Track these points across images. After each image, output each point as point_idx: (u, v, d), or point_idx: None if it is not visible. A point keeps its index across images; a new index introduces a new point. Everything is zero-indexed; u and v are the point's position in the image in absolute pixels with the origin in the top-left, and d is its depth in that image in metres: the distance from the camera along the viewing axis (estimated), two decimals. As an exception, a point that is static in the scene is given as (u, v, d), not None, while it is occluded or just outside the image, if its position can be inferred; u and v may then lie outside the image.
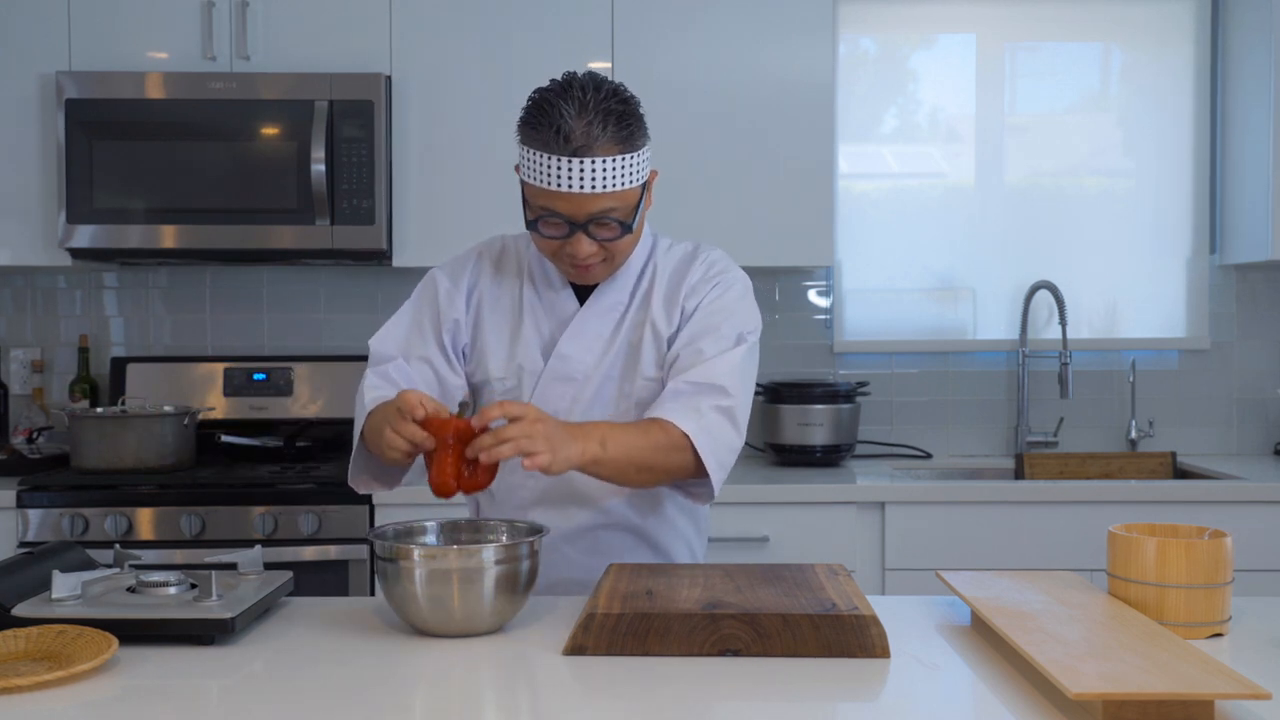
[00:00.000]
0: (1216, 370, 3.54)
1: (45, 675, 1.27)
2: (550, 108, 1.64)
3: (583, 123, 1.63)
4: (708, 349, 1.75)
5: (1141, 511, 2.80)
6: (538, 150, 1.66)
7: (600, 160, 1.64)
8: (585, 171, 1.64)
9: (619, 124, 1.65)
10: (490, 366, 1.83)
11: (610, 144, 1.64)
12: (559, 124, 1.63)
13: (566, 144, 1.63)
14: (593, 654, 1.42)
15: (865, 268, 3.55)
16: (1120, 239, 3.54)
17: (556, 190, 1.65)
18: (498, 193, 3.14)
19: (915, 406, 3.53)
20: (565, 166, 1.64)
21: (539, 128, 1.65)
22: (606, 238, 1.70)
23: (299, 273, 3.50)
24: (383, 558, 1.50)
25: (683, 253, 1.87)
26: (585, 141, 1.63)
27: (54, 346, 3.50)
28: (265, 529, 2.80)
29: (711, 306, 1.80)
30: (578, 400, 1.80)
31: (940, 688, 1.35)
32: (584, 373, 1.80)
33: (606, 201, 1.67)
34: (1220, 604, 1.48)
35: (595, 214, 1.67)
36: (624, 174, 1.66)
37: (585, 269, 1.74)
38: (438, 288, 1.86)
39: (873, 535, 2.88)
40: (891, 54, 3.56)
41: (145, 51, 3.11)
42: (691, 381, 1.72)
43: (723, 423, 1.72)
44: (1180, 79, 3.53)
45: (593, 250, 1.71)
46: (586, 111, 1.63)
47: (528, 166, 1.69)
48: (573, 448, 1.57)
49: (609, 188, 1.65)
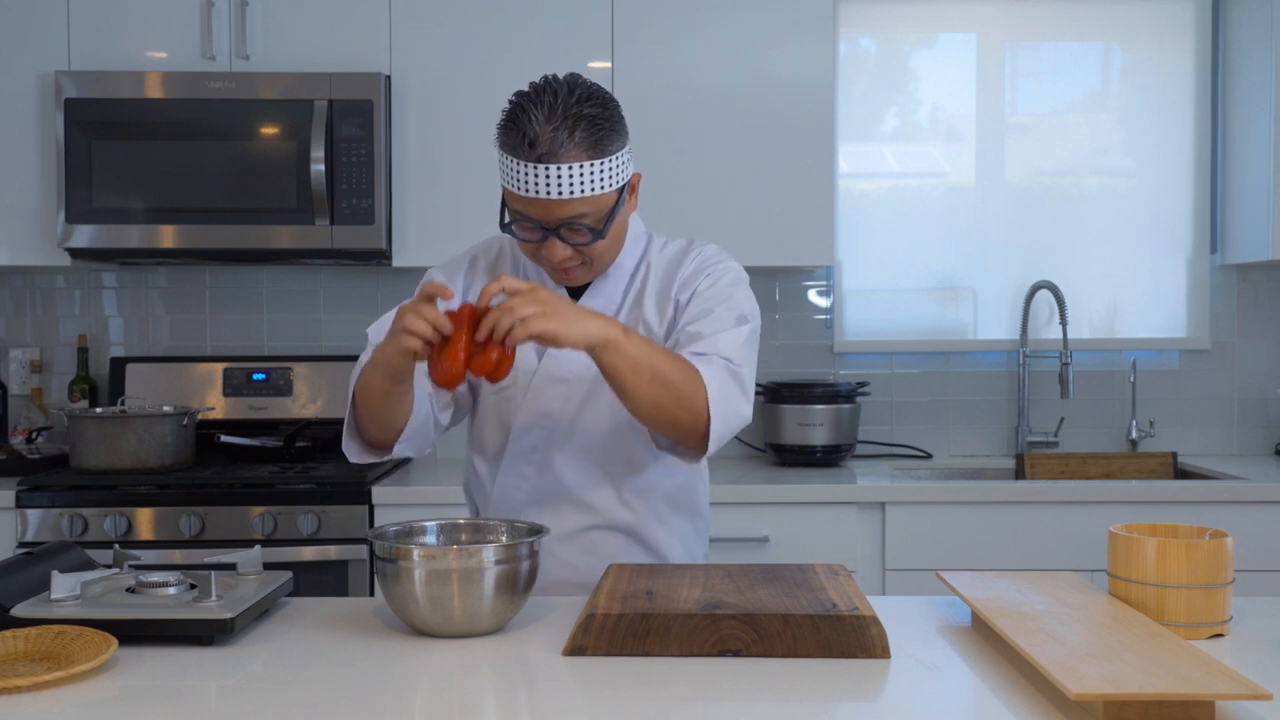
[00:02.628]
0: (1217, 370, 3.54)
1: (44, 676, 1.27)
2: (521, 113, 1.64)
3: (549, 129, 1.62)
4: (705, 329, 1.71)
5: (1142, 512, 2.80)
6: (508, 155, 1.65)
7: (567, 166, 1.62)
8: (552, 177, 1.62)
9: (589, 129, 1.63)
10: None
11: (578, 150, 1.62)
12: (525, 129, 1.62)
13: (532, 150, 1.62)
14: (592, 654, 1.41)
15: (865, 267, 3.54)
16: (1121, 239, 3.54)
17: (526, 195, 1.65)
18: (497, 192, 3.14)
19: (915, 406, 3.53)
20: (532, 172, 1.63)
21: (509, 132, 1.65)
22: (579, 242, 1.69)
23: (298, 273, 3.50)
24: (382, 558, 1.49)
25: (676, 249, 1.87)
26: (550, 148, 1.61)
27: (53, 346, 3.50)
28: (265, 529, 2.80)
29: (706, 294, 1.78)
30: (570, 400, 1.80)
31: (941, 688, 1.34)
32: (577, 373, 1.79)
33: (577, 207, 1.65)
34: (1221, 604, 1.48)
35: (566, 219, 1.66)
36: (594, 180, 1.64)
37: (564, 272, 1.74)
38: None
39: (873, 535, 2.87)
40: (892, 53, 3.55)
41: (144, 51, 3.11)
42: (695, 351, 1.68)
43: (732, 385, 1.67)
44: (1181, 78, 3.53)
45: (567, 254, 1.70)
46: (554, 117, 1.62)
47: (502, 170, 1.68)
48: (591, 323, 1.54)
49: (576, 193, 1.64)
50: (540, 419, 1.80)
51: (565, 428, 1.80)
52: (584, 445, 1.81)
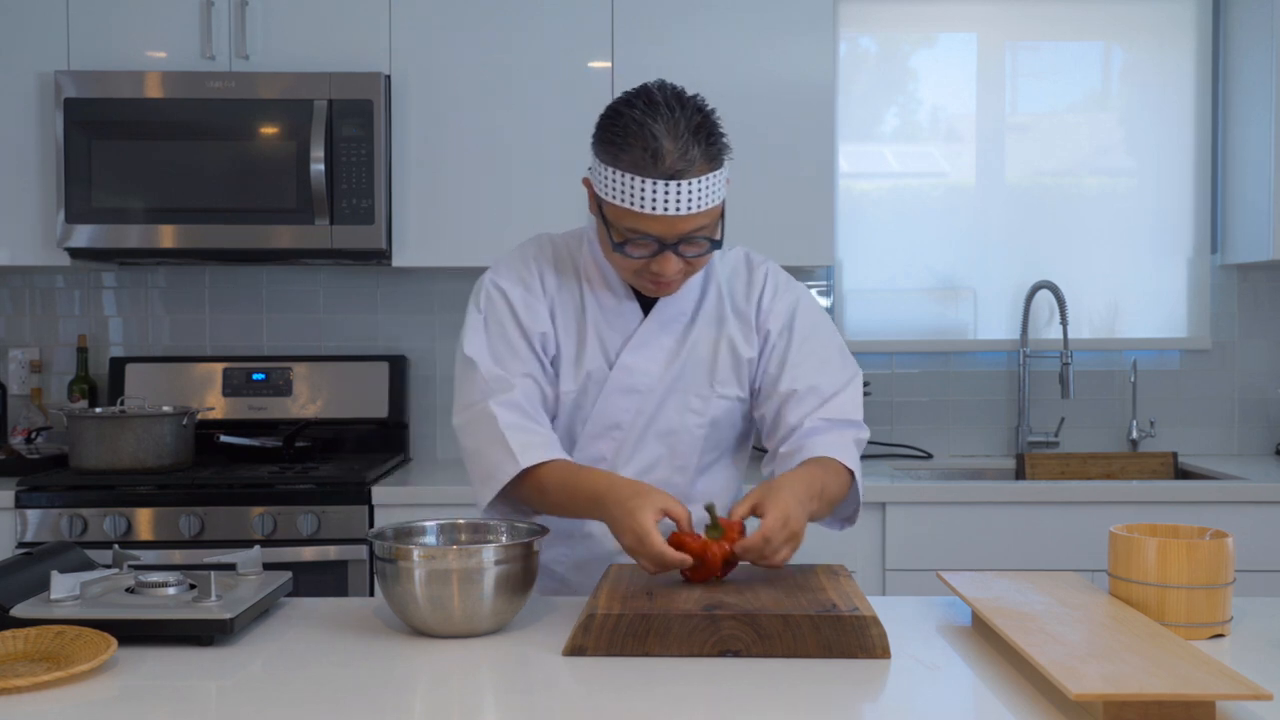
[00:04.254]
0: (1218, 370, 3.54)
1: (44, 676, 1.27)
2: (638, 127, 1.58)
3: (676, 144, 1.57)
4: (826, 385, 1.77)
5: (1143, 512, 2.80)
6: (626, 172, 1.59)
7: (695, 181, 1.59)
8: (681, 194, 1.58)
9: (708, 140, 1.60)
10: (564, 378, 1.78)
11: (702, 163, 1.59)
12: (651, 145, 1.57)
13: (660, 166, 1.57)
14: (592, 654, 1.41)
15: (866, 267, 3.54)
16: (1121, 238, 3.54)
17: (650, 213, 1.59)
18: (497, 192, 3.14)
19: (916, 406, 3.53)
20: (660, 190, 1.58)
21: (626, 148, 1.59)
22: (696, 254, 1.66)
23: (298, 273, 3.50)
24: (382, 558, 1.49)
25: (735, 261, 1.86)
26: (680, 165, 1.57)
27: (52, 346, 3.50)
28: (264, 529, 2.80)
29: (811, 339, 1.80)
30: (641, 413, 1.78)
31: (941, 688, 1.34)
32: (648, 384, 1.77)
33: (699, 220, 1.62)
34: (1221, 605, 1.47)
35: (687, 233, 1.63)
36: (714, 190, 1.62)
37: (667, 285, 1.70)
38: (510, 300, 1.77)
39: (873, 536, 2.87)
40: (892, 53, 3.55)
41: (144, 51, 3.11)
42: (828, 419, 1.75)
43: (857, 455, 1.78)
44: (1181, 78, 3.52)
45: (680, 267, 1.67)
46: (678, 131, 1.58)
47: (612, 188, 1.61)
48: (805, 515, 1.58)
49: (702, 207, 1.61)
50: (609, 430, 1.79)
51: (634, 439, 1.80)
52: (649, 456, 1.81)
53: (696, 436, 1.80)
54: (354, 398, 3.36)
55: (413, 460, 3.43)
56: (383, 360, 3.39)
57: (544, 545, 1.80)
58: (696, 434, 1.80)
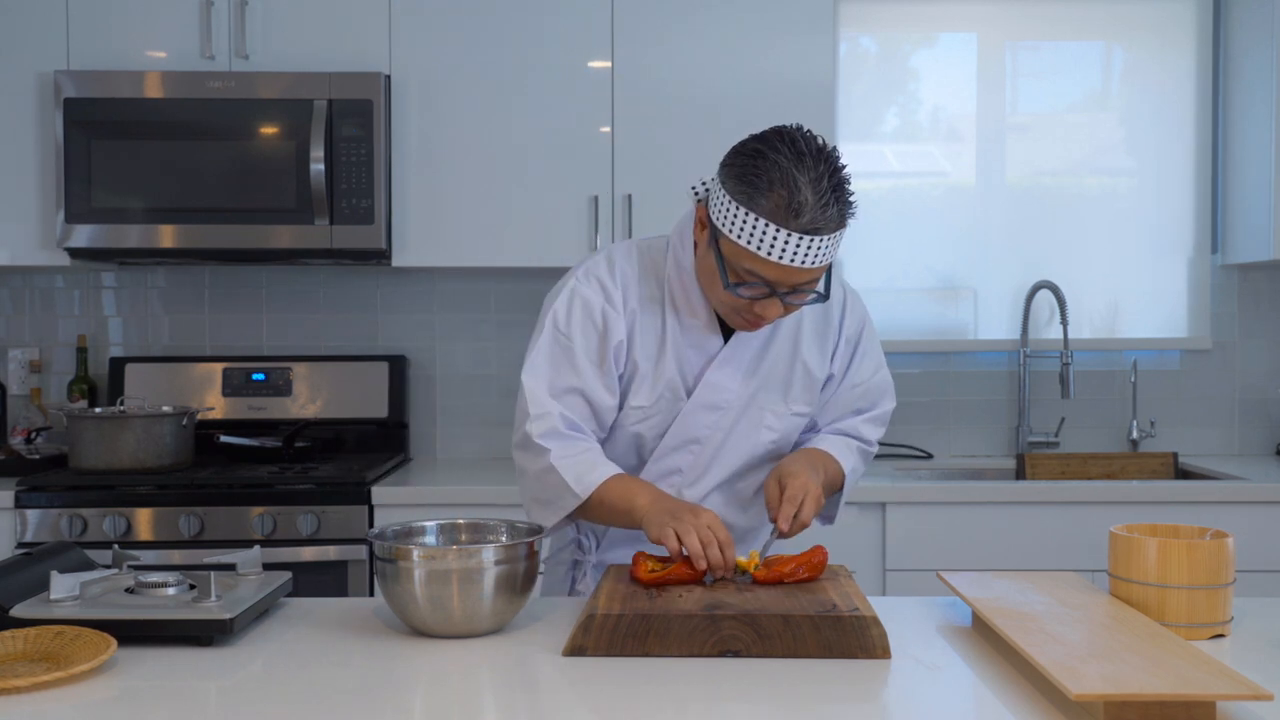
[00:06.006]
0: (1218, 370, 3.54)
1: (44, 676, 1.27)
2: (781, 174, 1.55)
3: (818, 199, 1.55)
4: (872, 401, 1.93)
5: (1143, 512, 2.80)
6: (762, 217, 1.56)
7: (827, 238, 1.58)
8: (811, 248, 1.57)
9: (845, 200, 1.59)
10: (636, 392, 1.77)
11: (836, 221, 1.58)
12: (795, 198, 1.54)
13: (799, 220, 1.55)
14: (592, 655, 1.41)
15: (866, 267, 3.54)
16: (1122, 238, 3.54)
17: (775, 262, 1.58)
18: (497, 192, 3.14)
19: (916, 406, 3.53)
20: (794, 242, 1.56)
21: (767, 193, 1.56)
22: (801, 303, 1.67)
23: (298, 273, 3.50)
24: (382, 558, 1.49)
25: None
26: (820, 221, 1.55)
27: (52, 346, 3.50)
28: (264, 529, 2.80)
29: (872, 361, 1.92)
30: (719, 427, 1.80)
31: (941, 689, 1.34)
32: (729, 400, 1.79)
33: (815, 273, 1.62)
34: (1222, 605, 1.47)
35: (801, 284, 1.63)
36: (838, 247, 1.62)
37: (761, 325, 1.71)
38: (590, 307, 1.75)
39: (873, 536, 2.87)
40: (892, 53, 3.55)
41: (144, 50, 3.11)
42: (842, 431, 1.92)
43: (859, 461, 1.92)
44: (1182, 78, 3.52)
45: (781, 312, 1.67)
46: (821, 187, 1.55)
47: (742, 229, 1.58)
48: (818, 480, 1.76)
49: (826, 261, 1.60)
50: (688, 443, 1.80)
51: (710, 453, 1.81)
52: (723, 471, 1.84)
53: (758, 449, 1.84)
54: (354, 398, 3.36)
55: (413, 460, 3.43)
56: (383, 360, 3.39)
57: (608, 546, 1.87)
58: (759, 448, 1.84)
